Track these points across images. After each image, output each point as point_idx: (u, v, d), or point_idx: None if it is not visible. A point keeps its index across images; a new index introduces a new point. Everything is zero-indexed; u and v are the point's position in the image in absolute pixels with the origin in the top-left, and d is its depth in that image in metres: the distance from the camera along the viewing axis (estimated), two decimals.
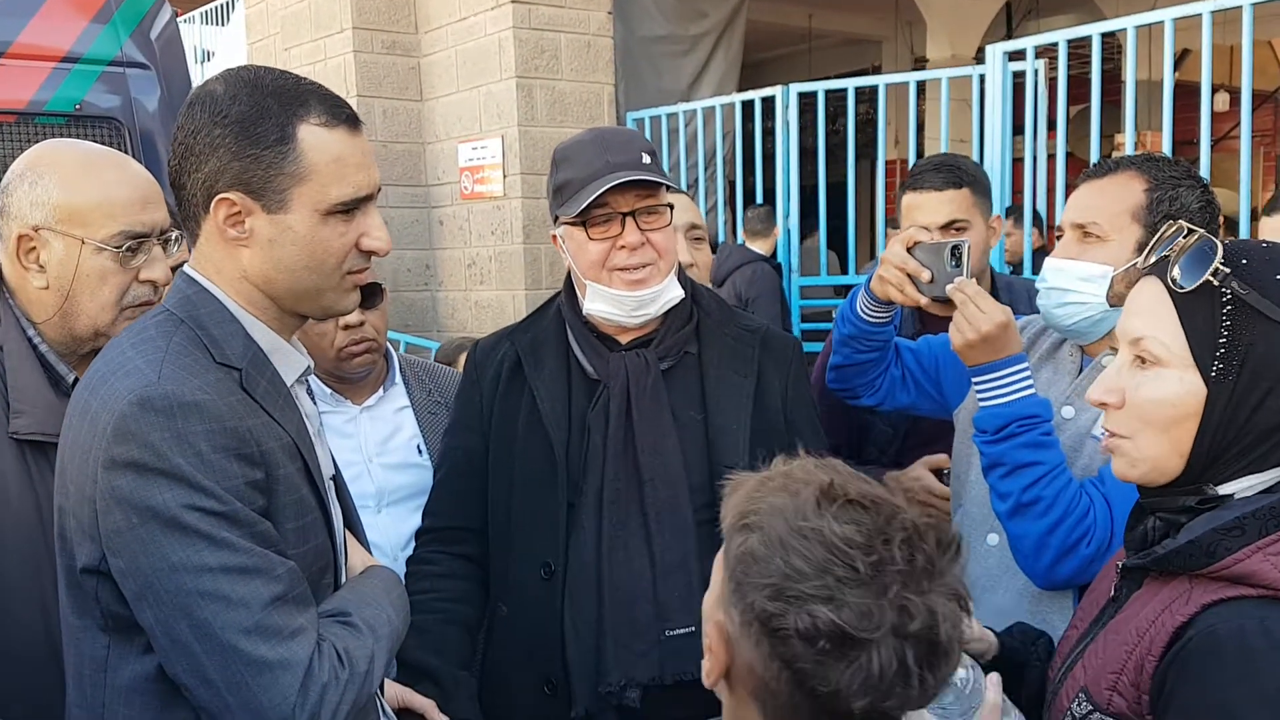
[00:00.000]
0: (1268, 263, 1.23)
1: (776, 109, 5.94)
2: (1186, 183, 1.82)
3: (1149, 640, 1.23)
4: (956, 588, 1.01)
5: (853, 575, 0.98)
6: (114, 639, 1.38)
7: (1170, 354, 1.25)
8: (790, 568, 0.99)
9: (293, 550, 1.40)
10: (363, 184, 1.45)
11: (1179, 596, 1.23)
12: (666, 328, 1.98)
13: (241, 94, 1.39)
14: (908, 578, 0.98)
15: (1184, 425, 1.25)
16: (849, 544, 0.99)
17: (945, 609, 0.99)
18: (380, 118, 6.93)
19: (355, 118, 1.48)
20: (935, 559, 1.00)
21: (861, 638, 0.96)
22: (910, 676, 0.97)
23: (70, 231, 1.71)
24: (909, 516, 1.03)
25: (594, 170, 1.87)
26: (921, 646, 0.97)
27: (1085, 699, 1.30)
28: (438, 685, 1.93)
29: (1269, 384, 1.20)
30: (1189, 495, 1.27)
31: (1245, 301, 1.21)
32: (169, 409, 1.30)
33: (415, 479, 2.31)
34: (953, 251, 1.90)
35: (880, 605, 0.97)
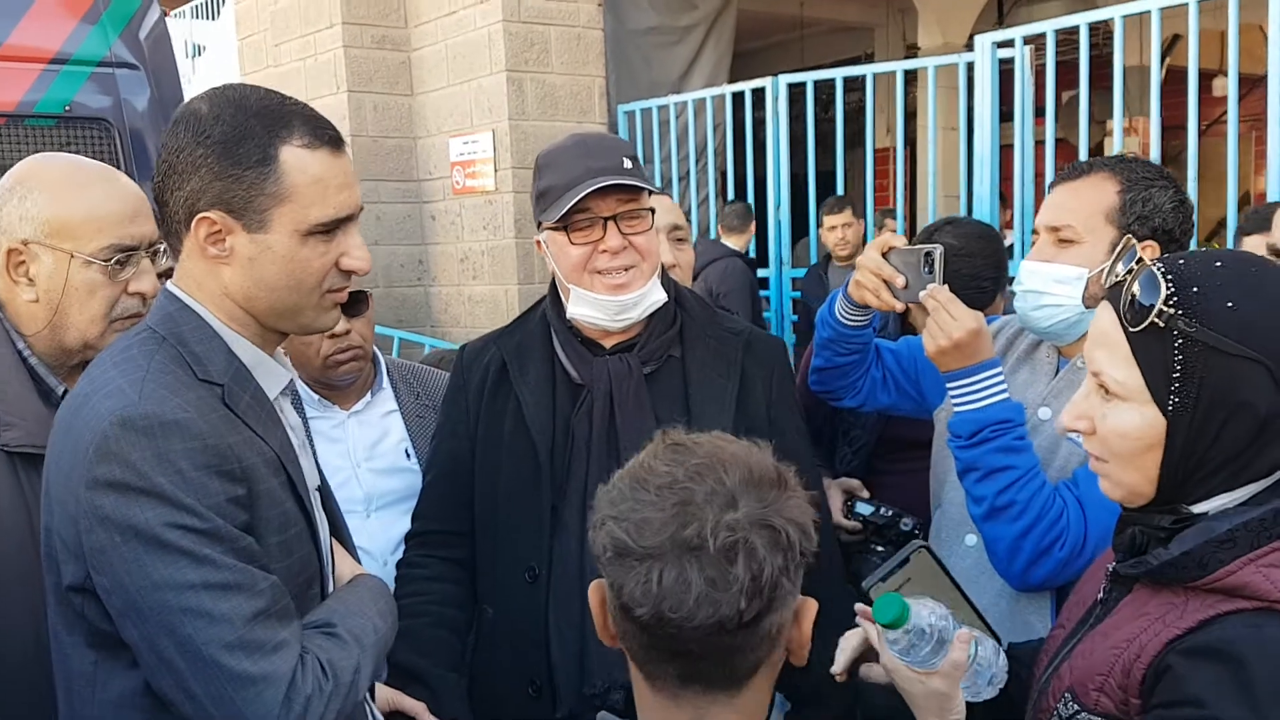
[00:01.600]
0: (1219, 288, 1.23)
1: (766, 100, 5.95)
2: (1159, 183, 1.84)
3: (1139, 646, 1.25)
4: (770, 519, 1.05)
5: (646, 498, 1.06)
6: (101, 654, 1.40)
7: (1128, 390, 1.26)
8: (609, 497, 1.09)
9: (277, 564, 1.42)
10: (344, 204, 1.47)
11: (1173, 609, 1.24)
12: (650, 331, 2.00)
13: (225, 114, 1.41)
14: (705, 503, 1.04)
15: (1149, 455, 1.27)
16: (653, 473, 1.08)
17: (745, 534, 1.03)
18: (371, 113, 6.93)
19: (338, 139, 1.49)
20: (740, 491, 1.05)
21: (641, 550, 1.04)
22: (690, 588, 1.02)
23: (59, 245, 1.72)
24: (732, 458, 1.08)
25: (575, 175, 1.88)
26: (706, 564, 1.02)
27: (1071, 699, 1.32)
28: (428, 687, 1.95)
29: (1226, 413, 1.21)
30: (1165, 514, 1.29)
31: (1195, 338, 1.21)
32: (150, 429, 1.32)
33: (404, 483, 2.34)
34: (926, 257, 1.92)
35: (665, 523, 1.04)
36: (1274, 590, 1.18)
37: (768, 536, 1.04)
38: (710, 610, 1.02)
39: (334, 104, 6.94)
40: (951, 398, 1.89)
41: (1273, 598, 1.18)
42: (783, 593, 1.06)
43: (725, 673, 1.09)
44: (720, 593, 1.02)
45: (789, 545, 1.06)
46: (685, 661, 1.08)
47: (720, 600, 1.02)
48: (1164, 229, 1.82)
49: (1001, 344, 2.08)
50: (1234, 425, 1.22)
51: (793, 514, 1.07)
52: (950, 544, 2.05)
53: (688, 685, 1.09)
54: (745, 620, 1.04)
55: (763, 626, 1.07)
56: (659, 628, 1.04)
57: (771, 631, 1.08)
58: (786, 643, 1.13)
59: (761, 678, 1.12)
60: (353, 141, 6.88)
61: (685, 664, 1.08)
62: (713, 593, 1.02)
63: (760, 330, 2.15)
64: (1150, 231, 1.81)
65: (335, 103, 6.93)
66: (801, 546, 1.07)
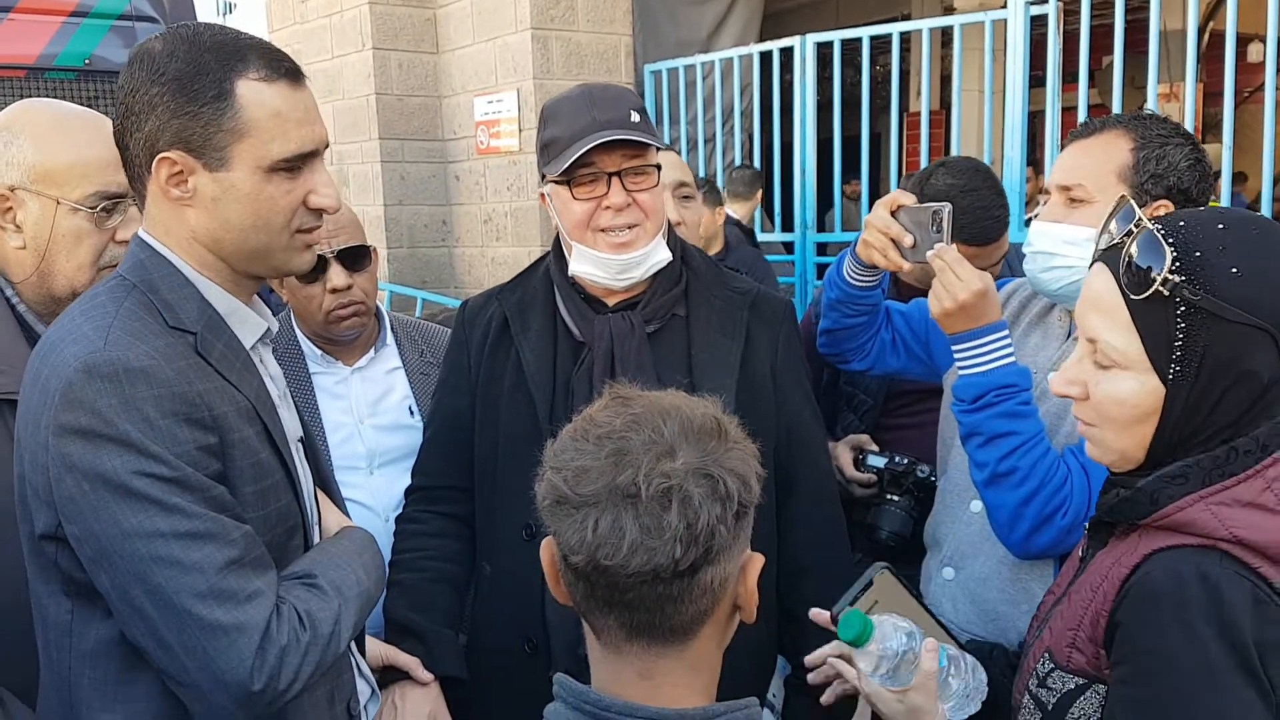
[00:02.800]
0: (1223, 253, 1.19)
1: (794, 60, 5.85)
2: (1174, 140, 1.77)
3: (1102, 594, 1.25)
4: (708, 468, 1.04)
5: (586, 447, 1.06)
6: (77, 604, 1.39)
7: (1128, 359, 1.23)
8: (553, 449, 1.10)
9: (253, 513, 1.40)
10: (306, 139, 1.44)
11: (1128, 549, 1.24)
12: (654, 290, 1.96)
13: (179, 50, 1.38)
14: (642, 451, 1.04)
15: (1145, 423, 1.24)
16: (594, 424, 1.08)
17: (680, 481, 1.02)
18: (396, 71, 6.89)
19: (297, 71, 1.46)
20: (678, 440, 1.05)
21: (577, 498, 1.04)
22: (624, 535, 1.01)
23: (45, 192, 1.71)
24: (674, 409, 1.08)
25: (580, 128, 1.84)
26: (641, 512, 1.02)
27: (1048, 658, 1.32)
28: (423, 643, 1.94)
29: (1229, 381, 1.19)
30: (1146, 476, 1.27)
31: (1200, 307, 1.18)
32: (115, 375, 1.30)
33: (407, 440, 2.31)
34: (934, 216, 1.86)
35: (601, 471, 1.04)
36: (1219, 527, 1.17)
37: (706, 486, 1.03)
38: (645, 558, 1.01)
39: (359, 61, 6.91)
40: (956, 360, 1.85)
41: (1217, 535, 1.17)
42: (721, 543, 1.05)
43: (667, 625, 1.07)
44: (654, 540, 1.01)
45: (727, 495, 1.04)
46: (625, 611, 1.06)
47: (655, 547, 1.01)
48: (1179, 188, 1.76)
49: (1014, 307, 2.02)
50: (1235, 393, 1.19)
51: (733, 464, 1.06)
52: (955, 510, 2.01)
53: (633, 639, 1.08)
54: (681, 569, 1.03)
55: (702, 577, 1.05)
56: (596, 576, 1.04)
57: (713, 584, 1.07)
58: (734, 598, 1.12)
59: (709, 633, 1.11)
60: (377, 100, 6.85)
61: (625, 614, 1.07)
62: (647, 540, 1.01)
63: (768, 290, 2.11)
64: (1165, 190, 1.75)
65: (360, 60, 6.90)
66: (741, 497, 1.06)
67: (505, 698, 1.96)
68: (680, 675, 1.10)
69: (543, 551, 1.12)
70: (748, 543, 1.12)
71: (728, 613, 1.13)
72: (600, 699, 1.08)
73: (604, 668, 1.12)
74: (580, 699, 1.09)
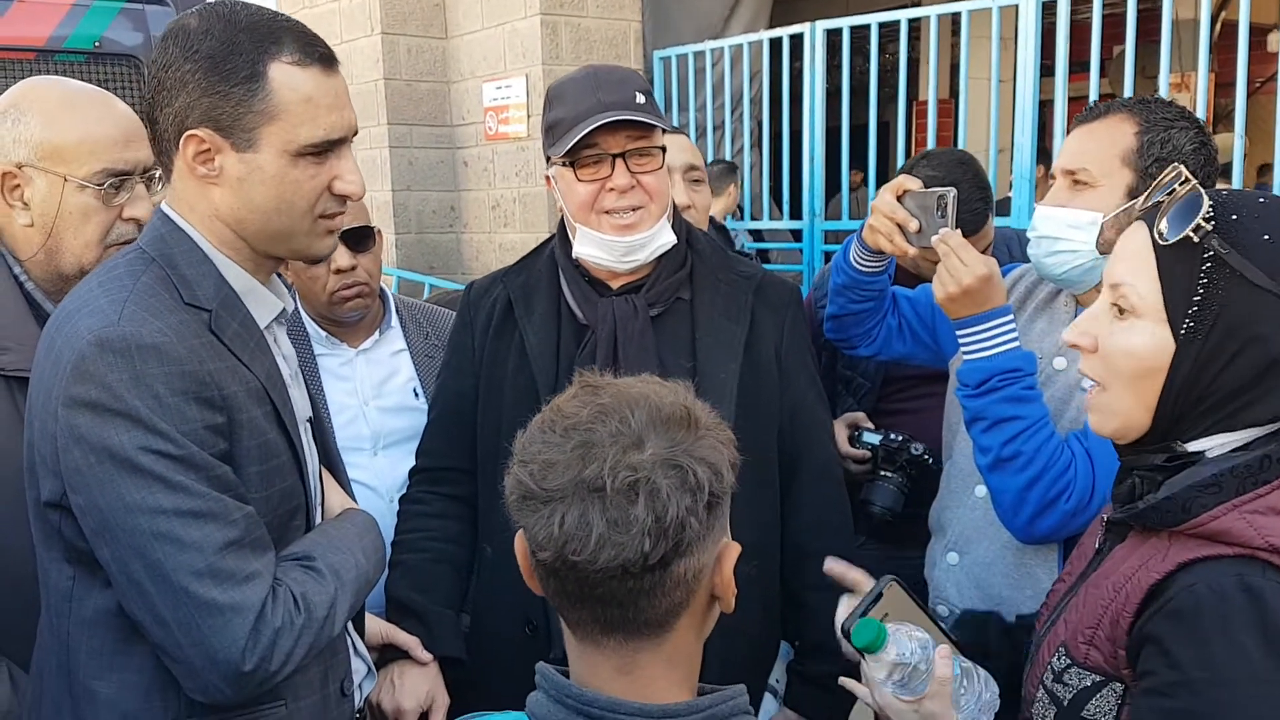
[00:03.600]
0: (1258, 220, 1.19)
1: (804, 48, 5.82)
2: (1180, 124, 1.76)
3: (1125, 595, 1.23)
4: (677, 459, 1.01)
5: (552, 439, 1.02)
6: (79, 571, 1.41)
7: (1145, 305, 1.24)
8: (520, 441, 1.06)
9: (256, 493, 1.41)
10: (335, 126, 1.44)
11: (1156, 553, 1.22)
12: (658, 273, 1.95)
13: (214, 28, 1.38)
14: (609, 443, 1.00)
15: (1150, 379, 1.24)
16: (561, 415, 1.04)
17: (647, 474, 0.99)
18: (405, 55, 6.88)
19: (330, 57, 1.46)
20: (646, 431, 1.02)
21: (543, 492, 1.01)
22: (590, 530, 0.98)
23: (53, 169, 1.71)
24: (643, 399, 1.04)
25: (584, 109, 1.83)
26: (608, 506, 0.99)
27: (1064, 653, 1.31)
28: (423, 623, 1.95)
29: (1238, 345, 1.18)
30: (1158, 453, 1.26)
31: (1225, 261, 1.18)
32: (127, 350, 1.31)
33: (411, 422, 2.32)
34: (939, 201, 1.85)
35: (568, 464, 1.00)
36: (1256, 537, 1.15)
37: (675, 477, 1.00)
38: (613, 552, 0.99)
39: (368, 46, 6.90)
40: (961, 345, 1.84)
41: (1255, 544, 1.15)
42: (692, 535, 1.01)
43: (641, 619, 1.04)
44: (621, 534, 0.98)
45: (698, 485, 1.01)
46: (597, 607, 1.04)
47: (623, 542, 0.98)
48: None
49: (1020, 293, 2.02)
50: (1243, 360, 1.19)
51: (703, 453, 1.03)
52: (960, 495, 2.01)
53: (609, 633, 1.06)
54: (651, 563, 1.00)
55: (674, 570, 1.02)
56: (565, 571, 1.02)
57: (686, 576, 1.03)
58: (711, 589, 1.08)
59: (686, 624, 1.08)
60: (386, 85, 6.84)
61: (597, 609, 1.04)
62: (614, 534, 0.98)
63: (774, 274, 2.10)
64: None
65: (369, 45, 6.89)
66: (713, 487, 1.03)
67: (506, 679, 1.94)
68: (659, 669, 1.07)
69: (516, 545, 1.10)
70: (724, 531, 1.09)
71: (704, 604, 1.10)
72: (583, 694, 1.06)
73: (582, 661, 1.09)
74: (562, 692, 1.07)
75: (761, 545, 1.94)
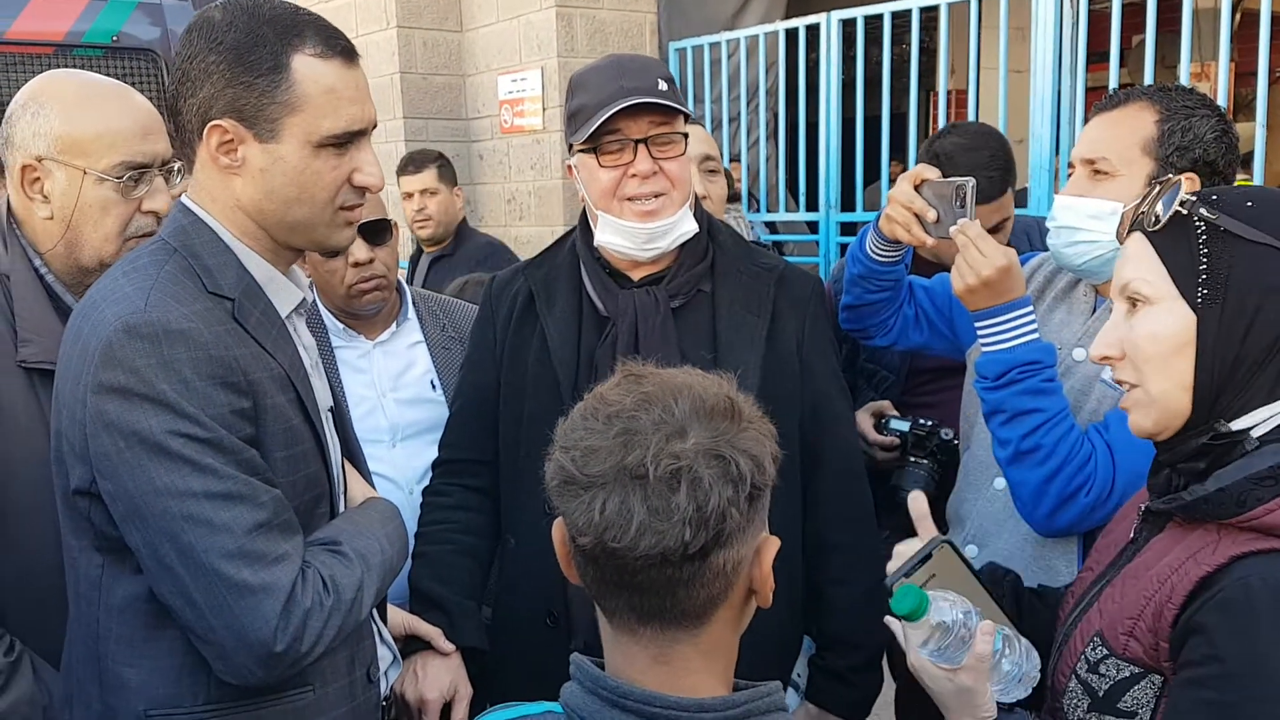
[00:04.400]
0: (1237, 194, 1.24)
1: (820, 38, 5.80)
2: (1201, 112, 1.75)
3: (1170, 587, 1.21)
4: (720, 449, 1.00)
5: (595, 426, 1.03)
6: (108, 559, 1.42)
7: (1156, 290, 1.26)
8: (563, 428, 1.07)
9: (282, 479, 1.42)
10: (356, 118, 1.46)
11: (1205, 545, 1.21)
12: (679, 265, 1.95)
13: (238, 21, 1.40)
14: (651, 431, 1.00)
15: (1182, 356, 1.25)
16: (605, 403, 1.04)
17: (690, 462, 0.99)
18: (420, 49, 6.88)
19: (352, 50, 1.48)
20: (689, 420, 1.01)
21: (585, 478, 1.00)
22: (632, 518, 0.98)
23: (72, 162, 1.72)
24: (686, 388, 1.04)
25: (608, 95, 1.83)
26: (650, 493, 0.98)
27: (1100, 643, 1.29)
28: (445, 614, 1.96)
29: (1257, 301, 1.20)
30: (1201, 434, 1.25)
31: (1218, 226, 1.22)
32: (154, 336, 1.33)
33: (429, 414, 2.33)
34: (958, 191, 1.84)
35: (610, 451, 1.00)
36: None
37: (717, 467, 1.00)
38: (653, 540, 0.98)
39: (383, 40, 6.91)
40: (980, 337, 1.83)
41: None
42: (733, 526, 1.01)
43: (679, 609, 1.04)
44: (663, 522, 0.98)
45: (740, 477, 1.00)
46: (634, 595, 1.03)
47: (663, 530, 0.98)
48: (1205, 160, 1.73)
49: (1039, 282, 2.00)
50: (1266, 314, 1.20)
51: (746, 445, 1.02)
52: (979, 487, 2.00)
53: (646, 622, 1.05)
54: (691, 552, 0.99)
55: (713, 561, 1.02)
56: (604, 558, 1.01)
57: (725, 567, 1.03)
58: (749, 582, 1.08)
59: (724, 616, 1.07)
60: (401, 79, 6.85)
61: (635, 598, 1.04)
62: (655, 522, 0.98)
63: (796, 267, 2.09)
64: (1190, 163, 1.73)
65: (384, 38, 6.90)
66: (755, 479, 1.02)
67: (527, 670, 1.98)
68: (696, 661, 1.07)
69: (554, 532, 1.10)
70: (764, 525, 1.08)
71: (743, 597, 1.09)
72: (618, 685, 1.05)
73: (617, 651, 1.09)
74: (597, 684, 1.06)
75: (784, 538, 1.93)
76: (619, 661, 1.08)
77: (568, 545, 1.08)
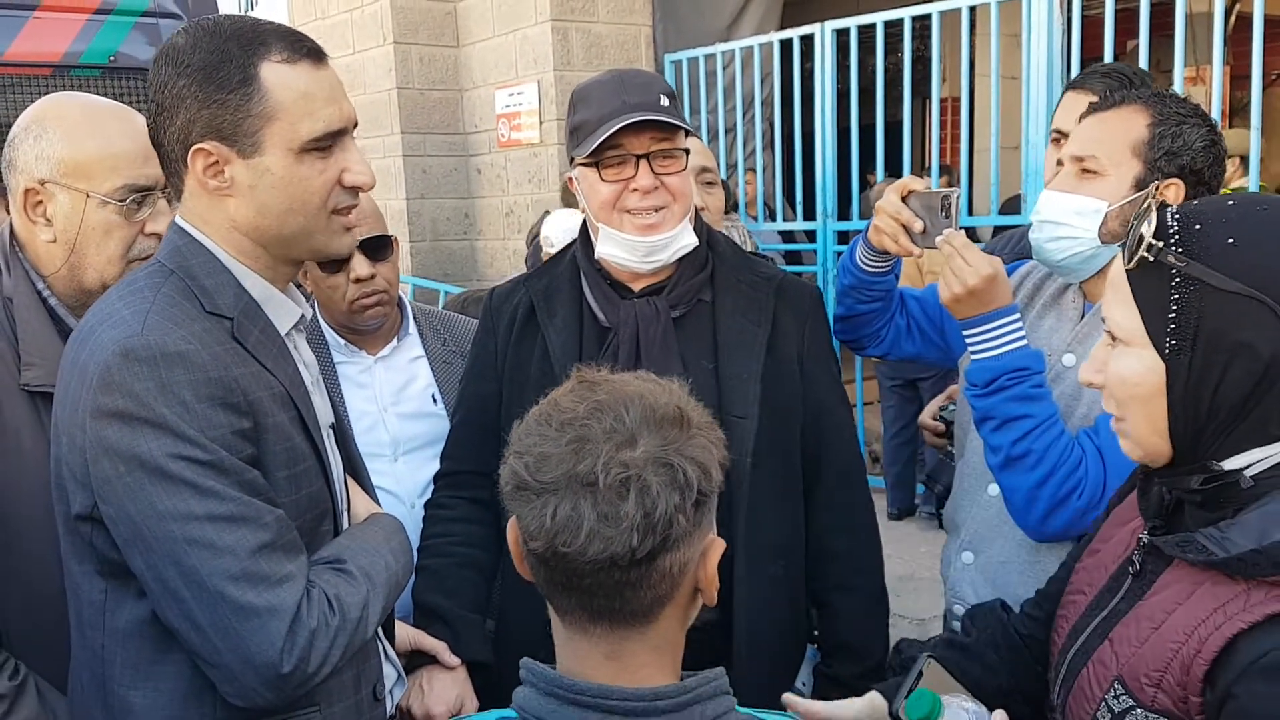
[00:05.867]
0: (1224, 224, 1.17)
1: (815, 48, 5.83)
2: (1192, 120, 1.77)
3: (1199, 640, 1.17)
4: (668, 458, 1.04)
5: (548, 433, 1.06)
6: (111, 584, 1.42)
7: (1128, 333, 1.22)
8: (517, 433, 1.10)
9: (285, 498, 1.42)
10: (333, 118, 1.45)
11: (1235, 597, 1.16)
12: (679, 275, 1.96)
13: (201, 42, 1.41)
14: (602, 439, 1.04)
15: (1153, 403, 1.21)
16: (558, 409, 1.08)
17: (638, 471, 1.03)
18: (417, 64, 6.91)
19: (319, 51, 1.48)
20: (639, 429, 1.05)
21: (537, 485, 1.04)
22: (582, 524, 1.02)
23: (74, 185, 1.73)
24: (637, 396, 1.07)
25: (610, 110, 1.84)
26: (599, 500, 1.02)
27: (1123, 691, 1.25)
28: (449, 627, 1.96)
29: (1226, 357, 1.15)
30: (1194, 474, 1.22)
31: (1189, 274, 1.16)
32: (152, 359, 1.33)
33: (430, 427, 2.34)
34: (944, 201, 1.86)
35: (562, 458, 1.04)
36: None
37: (665, 475, 1.03)
38: (602, 545, 1.02)
39: (380, 56, 6.94)
40: (968, 345, 1.85)
41: None
42: (680, 531, 1.05)
43: (627, 609, 1.07)
44: (611, 528, 1.02)
45: (686, 484, 1.04)
46: (584, 596, 1.07)
47: (612, 536, 1.02)
48: (1192, 168, 1.75)
49: (1028, 289, 2.02)
50: (1236, 369, 1.15)
51: (693, 453, 1.06)
52: (973, 494, 2.01)
53: (596, 621, 1.09)
54: (638, 557, 1.03)
55: (660, 564, 1.05)
56: (555, 561, 1.04)
57: (671, 570, 1.07)
58: (695, 583, 1.12)
59: (670, 613, 1.11)
60: (399, 94, 6.88)
61: (585, 598, 1.07)
62: (604, 528, 1.02)
63: (794, 276, 2.11)
64: (1177, 170, 1.74)
65: (382, 55, 6.93)
66: (701, 486, 1.06)
67: None
68: (646, 655, 1.10)
69: (509, 532, 1.12)
70: (711, 527, 1.12)
71: (688, 596, 1.12)
72: (573, 683, 1.08)
73: (569, 649, 1.12)
74: (551, 684, 1.09)
75: (788, 546, 1.94)
76: (571, 660, 1.12)
77: (520, 546, 1.11)
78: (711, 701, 1.10)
